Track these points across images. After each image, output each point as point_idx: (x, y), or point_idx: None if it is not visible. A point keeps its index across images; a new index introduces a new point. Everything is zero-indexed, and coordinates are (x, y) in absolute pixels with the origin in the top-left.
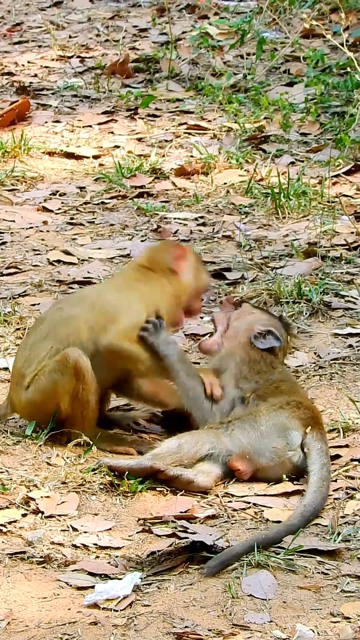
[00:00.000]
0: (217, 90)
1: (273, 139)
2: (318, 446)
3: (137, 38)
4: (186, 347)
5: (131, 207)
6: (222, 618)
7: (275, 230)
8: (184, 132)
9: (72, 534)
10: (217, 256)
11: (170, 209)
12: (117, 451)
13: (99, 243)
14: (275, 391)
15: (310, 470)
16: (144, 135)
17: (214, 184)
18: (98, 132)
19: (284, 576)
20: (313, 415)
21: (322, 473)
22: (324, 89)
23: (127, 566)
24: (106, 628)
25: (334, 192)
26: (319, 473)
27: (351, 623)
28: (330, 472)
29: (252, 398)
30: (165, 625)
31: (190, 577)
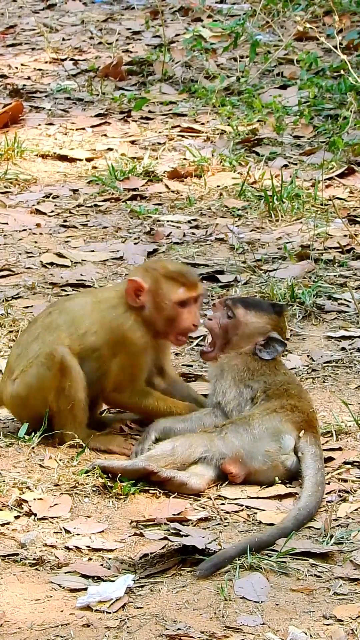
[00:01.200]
0: (211, 93)
1: (266, 141)
2: (312, 450)
3: (130, 41)
4: (179, 350)
5: (124, 209)
6: (214, 620)
7: (269, 233)
8: (177, 134)
9: (65, 536)
10: (210, 259)
11: (164, 211)
12: (112, 450)
13: (92, 246)
14: (284, 393)
15: (304, 475)
16: (137, 138)
17: (207, 187)
18: (91, 134)
19: (276, 579)
20: (307, 418)
21: (317, 478)
22: (318, 92)
23: (120, 568)
24: (99, 630)
25: (327, 194)
26: (313, 478)
27: (344, 625)
28: (325, 477)
29: (261, 398)
30: (158, 628)
31: (183, 580)
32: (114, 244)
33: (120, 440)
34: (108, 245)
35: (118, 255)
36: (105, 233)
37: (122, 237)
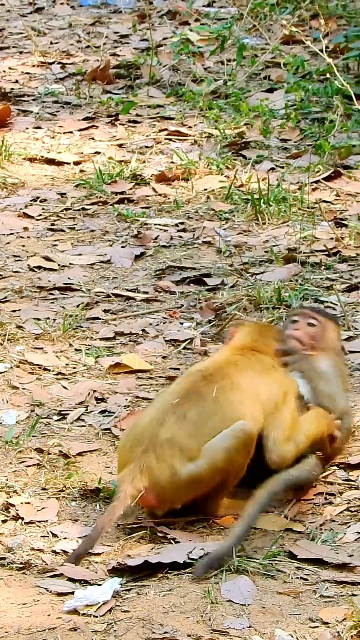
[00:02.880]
0: (198, 97)
1: (253, 145)
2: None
3: (118, 44)
4: (166, 353)
5: (112, 213)
6: (201, 623)
7: (255, 236)
8: (165, 138)
9: (52, 540)
10: (197, 262)
11: (151, 214)
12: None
13: (80, 249)
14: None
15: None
16: (125, 142)
17: (194, 190)
18: (79, 138)
19: (263, 581)
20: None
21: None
22: (304, 95)
23: (107, 572)
24: (86, 634)
25: (314, 198)
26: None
27: (330, 628)
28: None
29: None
30: (145, 631)
31: (170, 583)
32: (102, 247)
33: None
34: (95, 248)
35: (105, 259)
36: (92, 236)
37: (110, 240)
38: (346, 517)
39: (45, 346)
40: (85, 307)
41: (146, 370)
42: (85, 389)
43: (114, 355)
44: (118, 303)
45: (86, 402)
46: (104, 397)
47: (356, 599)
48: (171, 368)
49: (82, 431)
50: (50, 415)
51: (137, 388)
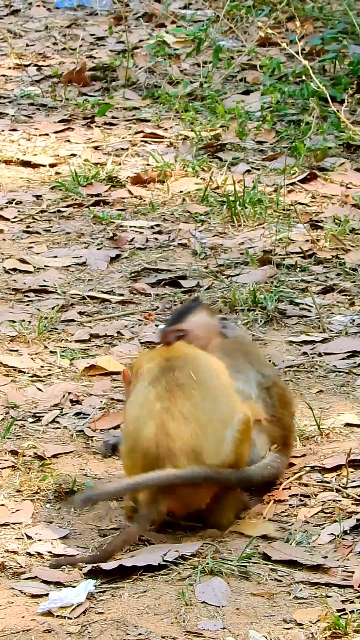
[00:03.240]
0: (174, 99)
1: (229, 147)
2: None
3: (94, 46)
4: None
5: (87, 215)
6: (175, 625)
7: (231, 238)
8: (141, 140)
9: (27, 542)
10: (172, 264)
11: (127, 217)
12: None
13: (55, 251)
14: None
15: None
16: (101, 144)
17: (170, 192)
18: (55, 140)
19: (237, 583)
20: (284, 434)
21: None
22: (280, 98)
23: (81, 574)
24: (60, 635)
25: (290, 200)
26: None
27: (304, 629)
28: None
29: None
30: (119, 633)
31: (144, 585)
32: (77, 249)
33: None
34: (71, 250)
35: (81, 261)
36: (68, 239)
37: (85, 242)
38: (320, 519)
39: (20, 348)
40: (61, 310)
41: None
42: (60, 391)
43: (89, 358)
44: (93, 305)
45: (61, 404)
46: (79, 399)
47: (330, 600)
48: None
49: (57, 433)
50: (25, 417)
51: (112, 390)
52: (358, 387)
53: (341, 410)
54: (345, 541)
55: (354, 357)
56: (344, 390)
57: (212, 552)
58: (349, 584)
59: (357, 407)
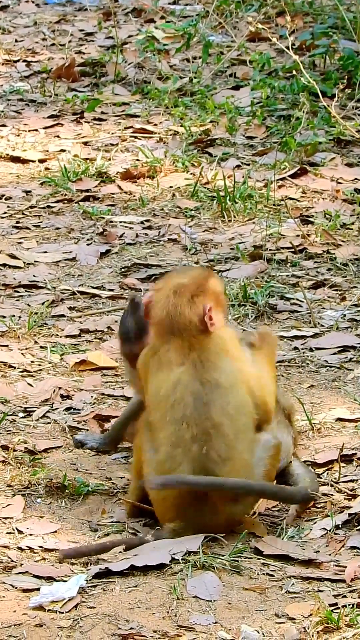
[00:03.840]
0: (163, 94)
1: (219, 142)
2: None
3: (83, 42)
4: None
5: (77, 210)
6: (167, 619)
7: (221, 233)
8: (130, 135)
9: (18, 537)
10: (162, 259)
11: (116, 212)
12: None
13: (45, 247)
14: None
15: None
16: (90, 139)
17: (159, 188)
18: (44, 136)
19: (229, 577)
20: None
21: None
22: (270, 93)
23: (73, 568)
24: (51, 630)
25: (280, 195)
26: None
27: (296, 624)
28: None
29: None
30: (111, 627)
31: (136, 579)
32: (67, 245)
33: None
34: (61, 246)
35: (71, 256)
36: (58, 234)
37: (75, 238)
38: (312, 514)
39: (10, 343)
40: (51, 305)
41: (112, 368)
42: (51, 386)
43: (80, 353)
44: (83, 300)
45: (52, 400)
46: (69, 395)
47: (322, 594)
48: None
49: (48, 428)
50: (16, 413)
51: (102, 385)
52: (349, 382)
53: (332, 405)
54: (337, 536)
55: (345, 352)
56: (335, 385)
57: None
58: (341, 578)
59: (349, 402)
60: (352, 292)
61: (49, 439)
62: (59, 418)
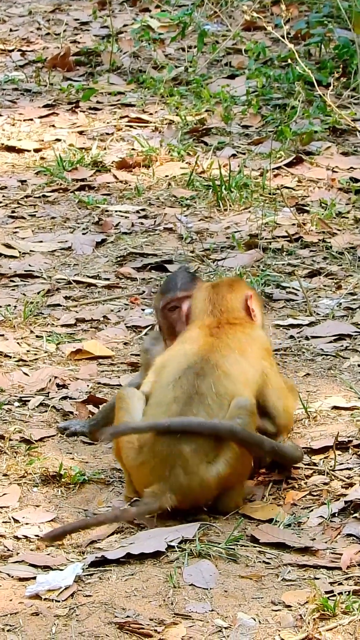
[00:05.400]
0: (159, 83)
1: (214, 131)
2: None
3: (78, 31)
4: (127, 339)
5: (72, 200)
6: (163, 607)
7: (217, 222)
8: (126, 125)
9: (14, 526)
10: (158, 249)
11: (112, 201)
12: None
13: (41, 236)
14: None
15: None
16: (85, 129)
17: (155, 177)
18: (39, 125)
19: (225, 565)
20: None
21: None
22: (266, 82)
23: (69, 557)
24: (48, 618)
25: (276, 184)
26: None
27: (292, 611)
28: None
29: None
30: (107, 615)
31: (132, 568)
32: (62, 234)
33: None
34: (56, 235)
35: (66, 246)
36: (53, 223)
37: (71, 227)
38: (308, 502)
39: (6, 333)
40: (46, 294)
41: (108, 357)
42: (47, 376)
43: (75, 342)
44: (79, 290)
45: (47, 389)
46: (65, 384)
47: (318, 582)
48: (133, 354)
49: (44, 417)
50: (12, 402)
51: (98, 374)
52: (345, 370)
53: (328, 393)
54: (333, 523)
55: (340, 341)
56: (330, 374)
57: (200, 534)
58: (337, 566)
59: (344, 390)
60: (348, 281)
61: (44, 428)
62: (55, 407)
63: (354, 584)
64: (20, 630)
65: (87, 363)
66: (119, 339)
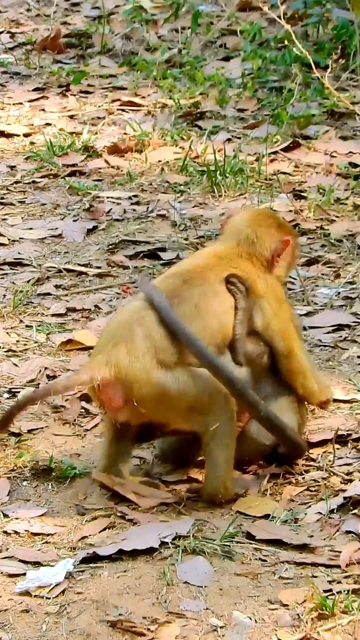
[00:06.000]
0: (151, 66)
1: (209, 115)
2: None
3: (68, 12)
4: None
5: (63, 186)
6: (157, 606)
7: (211, 209)
8: (117, 108)
9: (3, 521)
10: (151, 236)
11: (103, 187)
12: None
13: (30, 223)
14: None
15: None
16: (76, 113)
17: (148, 162)
18: (29, 109)
19: (220, 562)
20: None
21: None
22: (261, 64)
23: (60, 553)
24: (38, 615)
25: (272, 169)
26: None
27: (289, 610)
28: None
29: None
30: (99, 613)
31: (124, 564)
32: (53, 221)
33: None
34: (46, 222)
35: (57, 233)
36: (43, 210)
37: (61, 214)
38: (306, 497)
39: None
40: (36, 283)
41: None
42: (37, 367)
43: (66, 332)
44: (70, 278)
45: (37, 380)
46: (55, 375)
47: (316, 580)
48: None
49: (34, 409)
50: (1, 393)
51: None
52: (344, 361)
53: None
54: (331, 520)
55: (339, 331)
56: (329, 365)
57: (194, 530)
58: (335, 563)
59: (343, 382)
60: (347, 269)
61: (34, 420)
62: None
63: (353, 583)
64: (10, 627)
65: (78, 354)
66: None
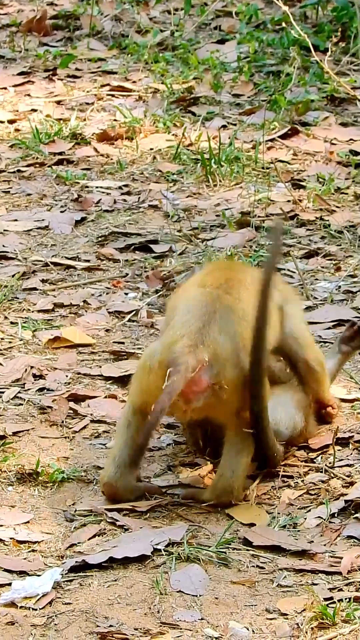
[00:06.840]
0: (143, 49)
1: (203, 100)
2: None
3: None
4: (109, 326)
5: (50, 175)
6: (149, 616)
7: (206, 199)
8: (107, 94)
9: None
10: (143, 227)
11: (92, 177)
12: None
13: (15, 214)
14: None
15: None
16: (64, 98)
17: (139, 150)
18: (13, 94)
19: (216, 570)
20: None
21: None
22: (258, 47)
23: (47, 562)
24: (24, 628)
25: (269, 157)
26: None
27: (288, 620)
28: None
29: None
30: (88, 625)
31: (115, 573)
32: (39, 212)
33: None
34: (32, 213)
35: (43, 225)
36: (29, 201)
37: (48, 204)
38: (306, 501)
39: None
40: (22, 277)
41: (88, 345)
42: (22, 365)
43: (53, 329)
44: (57, 272)
45: (23, 379)
46: (42, 374)
47: (316, 588)
48: (115, 342)
49: (19, 410)
50: None
51: (78, 364)
52: None
53: None
54: (332, 525)
55: (340, 326)
56: None
57: (188, 537)
58: (336, 570)
59: (345, 380)
60: (348, 262)
61: (20, 422)
62: (31, 399)
63: (355, 590)
64: None
65: (66, 351)
66: (100, 326)
